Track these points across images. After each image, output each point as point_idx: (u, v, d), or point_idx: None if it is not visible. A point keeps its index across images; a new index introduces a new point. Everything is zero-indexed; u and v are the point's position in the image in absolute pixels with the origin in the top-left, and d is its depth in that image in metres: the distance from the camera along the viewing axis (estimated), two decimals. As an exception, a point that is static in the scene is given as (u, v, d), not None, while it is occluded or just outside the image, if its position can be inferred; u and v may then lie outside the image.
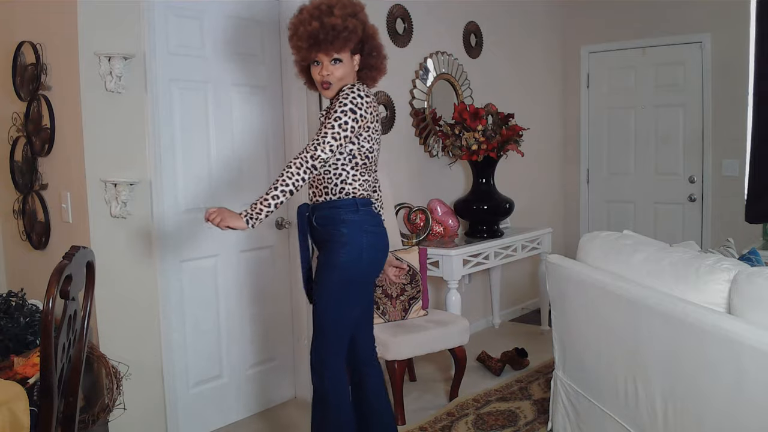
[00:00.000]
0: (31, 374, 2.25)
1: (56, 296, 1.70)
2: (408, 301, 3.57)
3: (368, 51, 2.50)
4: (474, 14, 4.83)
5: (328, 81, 2.42)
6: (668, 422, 2.18)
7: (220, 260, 3.31)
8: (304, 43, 2.39)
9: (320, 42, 2.36)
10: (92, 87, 2.75)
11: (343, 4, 2.40)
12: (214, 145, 3.26)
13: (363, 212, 2.46)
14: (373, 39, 2.50)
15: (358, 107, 2.34)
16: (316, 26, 2.35)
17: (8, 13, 3.14)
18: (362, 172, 2.45)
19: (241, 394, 3.42)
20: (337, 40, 2.36)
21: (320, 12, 2.37)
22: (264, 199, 2.24)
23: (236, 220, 2.24)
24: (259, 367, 3.52)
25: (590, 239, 2.79)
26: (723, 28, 5.03)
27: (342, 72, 2.42)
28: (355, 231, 2.42)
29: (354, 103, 2.34)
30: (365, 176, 2.47)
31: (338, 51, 2.39)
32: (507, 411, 3.42)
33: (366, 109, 2.37)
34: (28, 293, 2.74)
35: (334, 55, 2.39)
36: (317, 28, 2.35)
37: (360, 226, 2.43)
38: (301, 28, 2.39)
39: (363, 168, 2.45)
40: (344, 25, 2.36)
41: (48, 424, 1.74)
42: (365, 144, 2.42)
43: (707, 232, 5.24)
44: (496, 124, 4.26)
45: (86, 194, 2.77)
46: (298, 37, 2.41)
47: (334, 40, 2.36)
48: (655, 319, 2.20)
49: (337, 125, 2.31)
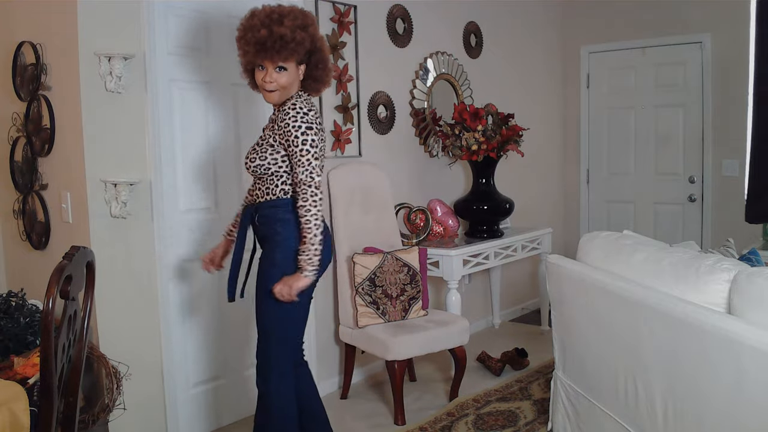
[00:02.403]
0: (31, 374, 2.25)
1: (56, 296, 1.70)
2: (408, 301, 3.57)
3: (314, 63, 2.53)
4: (474, 14, 4.83)
5: (269, 89, 2.48)
6: (668, 422, 2.18)
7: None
8: (251, 48, 2.43)
9: (267, 49, 2.41)
10: (92, 87, 2.75)
11: (295, 15, 2.45)
12: (214, 145, 3.26)
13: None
14: (321, 52, 2.53)
15: (311, 123, 2.40)
16: (265, 34, 2.39)
17: (8, 13, 3.14)
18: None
19: (240, 395, 3.42)
20: (283, 50, 2.41)
21: (271, 21, 2.41)
22: (311, 245, 2.35)
23: (301, 281, 2.36)
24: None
25: (590, 239, 2.79)
26: (723, 28, 5.03)
27: (286, 80, 2.47)
28: (290, 230, 2.45)
29: (305, 122, 2.39)
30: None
31: (284, 60, 2.43)
32: (507, 411, 3.42)
33: (317, 122, 2.44)
34: (28, 293, 2.74)
35: (279, 63, 2.44)
36: (265, 36, 2.39)
37: (296, 225, 2.44)
38: (249, 33, 2.43)
39: None
40: (292, 36, 2.40)
41: (48, 424, 1.74)
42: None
43: (707, 232, 5.24)
44: (496, 124, 4.26)
45: (86, 194, 2.77)
46: (246, 41, 2.45)
47: (281, 50, 2.41)
48: (655, 319, 2.20)
49: (306, 148, 2.37)
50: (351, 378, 3.73)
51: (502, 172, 4.52)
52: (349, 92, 3.87)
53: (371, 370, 4.06)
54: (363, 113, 4.00)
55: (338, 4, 3.77)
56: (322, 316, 3.77)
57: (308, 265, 2.35)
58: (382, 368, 4.02)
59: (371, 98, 4.04)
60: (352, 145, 3.92)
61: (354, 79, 3.90)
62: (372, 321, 3.47)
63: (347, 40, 3.84)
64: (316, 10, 3.64)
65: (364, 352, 3.57)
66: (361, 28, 3.93)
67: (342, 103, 3.84)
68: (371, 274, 3.48)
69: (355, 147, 3.94)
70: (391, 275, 3.53)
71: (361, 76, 3.95)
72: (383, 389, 3.80)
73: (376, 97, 4.07)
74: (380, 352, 3.34)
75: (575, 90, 5.86)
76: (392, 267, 3.53)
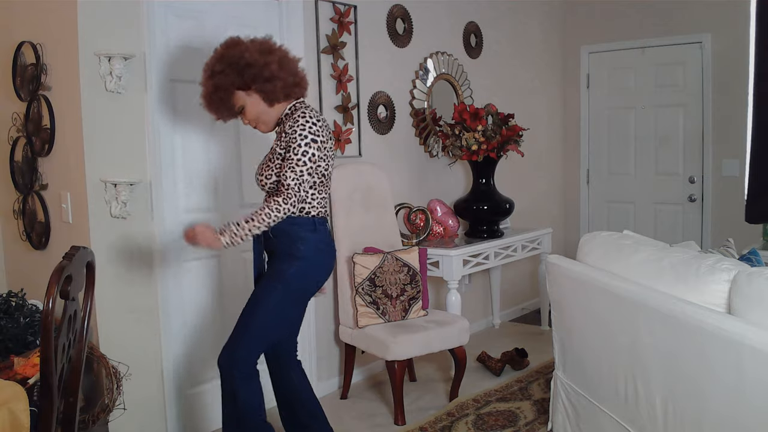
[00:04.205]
0: (31, 374, 2.25)
1: (56, 296, 1.70)
2: (408, 301, 3.57)
3: (251, 79, 2.46)
4: (474, 14, 4.83)
5: (253, 127, 2.59)
6: (668, 422, 2.18)
7: (220, 261, 3.31)
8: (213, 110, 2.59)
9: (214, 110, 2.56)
10: (92, 87, 2.75)
11: (207, 65, 2.51)
12: (214, 145, 3.26)
13: (320, 231, 2.56)
14: (249, 69, 2.44)
15: (317, 135, 2.41)
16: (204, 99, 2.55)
17: (8, 13, 3.14)
18: (320, 191, 2.55)
19: (241, 394, 3.42)
20: (219, 107, 2.52)
21: (206, 78, 2.51)
22: (248, 230, 2.36)
23: (213, 242, 2.36)
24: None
25: (590, 239, 2.79)
26: (723, 28, 5.03)
27: (253, 114, 2.53)
28: (311, 249, 2.52)
29: (312, 132, 2.40)
30: (323, 194, 2.57)
31: (228, 111, 2.54)
32: (507, 411, 3.42)
33: (323, 135, 2.44)
34: (28, 293, 2.74)
35: (234, 108, 2.52)
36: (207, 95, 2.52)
37: (316, 245, 2.53)
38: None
39: (321, 186, 2.55)
40: (212, 90, 2.48)
41: (48, 424, 1.74)
42: (321, 163, 2.48)
43: (707, 232, 5.24)
44: (496, 124, 4.26)
45: (86, 194, 2.77)
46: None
47: (217, 109, 2.52)
48: (655, 319, 2.20)
49: (305, 160, 2.38)
50: (351, 378, 3.73)
51: (502, 172, 4.52)
52: (349, 92, 3.87)
53: (371, 370, 4.06)
54: (363, 113, 4.00)
55: (338, 4, 3.77)
56: (322, 316, 3.77)
57: (229, 236, 2.35)
58: (382, 368, 4.02)
59: (371, 98, 4.04)
60: (352, 145, 3.92)
61: (354, 79, 3.90)
62: (372, 321, 3.47)
63: (347, 40, 3.84)
64: (316, 10, 3.65)
65: (364, 352, 3.57)
66: (361, 28, 3.93)
67: (342, 103, 3.84)
68: (371, 274, 3.48)
69: (355, 147, 3.94)
70: (391, 275, 3.52)
71: (361, 76, 3.95)
72: (383, 389, 3.80)
73: (376, 97, 4.07)
74: (380, 352, 3.34)
75: (575, 90, 5.86)
76: (392, 267, 3.53)
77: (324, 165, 2.50)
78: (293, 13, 3.52)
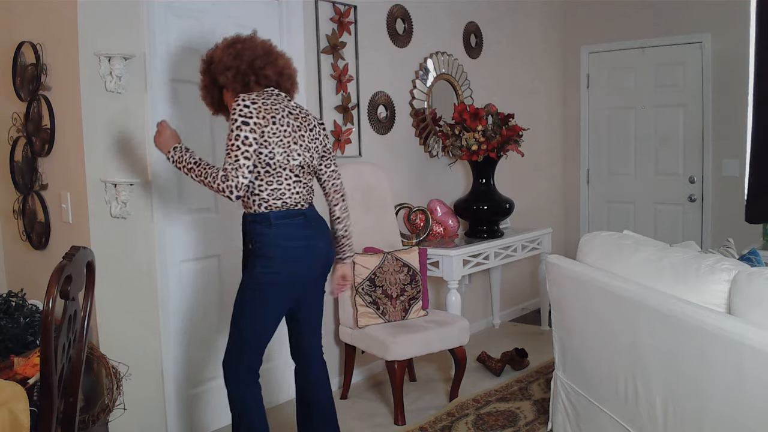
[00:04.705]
0: (31, 374, 2.24)
1: (56, 296, 1.70)
2: (408, 301, 3.57)
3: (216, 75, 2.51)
4: (474, 14, 4.83)
5: None
6: (668, 422, 2.18)
7: (220, 260, 3.31)
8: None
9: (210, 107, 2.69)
10: (92, 87, 2.75)
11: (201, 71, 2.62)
12: (214, 145, 3.26)
13: (281, 226, 2.39)
14: (213, 65, 2.51)
15: (248, 117, 2.31)
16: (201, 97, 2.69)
17: (8, 13, 3.14)
18: (269, 182, 2.38)
19: (241, 394, 3.42)
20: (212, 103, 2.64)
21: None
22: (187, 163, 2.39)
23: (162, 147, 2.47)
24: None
25: (590, 239, 2.79)
26: (723, 28, 5.03)
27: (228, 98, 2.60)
28: (270, 245, 2.38)
29: (242, 115, 2.31)
30: (275, 186, 2.38)
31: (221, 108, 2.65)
32: (507, 411, 3.42)
33: (261, 116, 2.33)
34: (28, 293, 2.74)
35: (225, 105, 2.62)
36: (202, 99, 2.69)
37: (275, 242, 2.38)
38: None
39: (270, 177, 2.38)
40: (201, 90, 2.62)
41: (48, 424, 1.74)
42: (263, 150, 2.33)
43: (707, 232, 5.24)
44: (496, 124, 4.26)
45: (86, 194, 2.77)
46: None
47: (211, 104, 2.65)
48: (655, 319, 2.20)
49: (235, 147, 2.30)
50: (351, 378, 3.73)
51: (502, 172, 4.52)
52: (349, 92, 3.87)
53: (371, 370, 4.06)
54: (363, 113, 4.00)
55: (338, 4, 3.77)
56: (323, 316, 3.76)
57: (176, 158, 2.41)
58: (382, 368, 4.02)
59: (371, 98, 4.04)
60: (352, 145, 3.92)
61: (354, 79, 3.90)
62: (372, 321, 3.47)
63: (347, 40, 3.84)
64: (316, 10, 3.65)
65: (364, 352, 3.57)
66: (361, 28, 3.93)
67: (342, 103, 3.84)
68: (371, 274, 3.48)
69: (355, 147, 3.94)
70: (391, 275, 3.53)
71: (361, 76, 3.95)
72: (383, 389, 3.80)
73: (376, 97, 4.07)
74: (380, 352, 3.34)
75: (575, 90, 5.86)
76: (392, 267, 3.53)
77: (267, 152, 2.33)
78: (293, 13, 3.52)
